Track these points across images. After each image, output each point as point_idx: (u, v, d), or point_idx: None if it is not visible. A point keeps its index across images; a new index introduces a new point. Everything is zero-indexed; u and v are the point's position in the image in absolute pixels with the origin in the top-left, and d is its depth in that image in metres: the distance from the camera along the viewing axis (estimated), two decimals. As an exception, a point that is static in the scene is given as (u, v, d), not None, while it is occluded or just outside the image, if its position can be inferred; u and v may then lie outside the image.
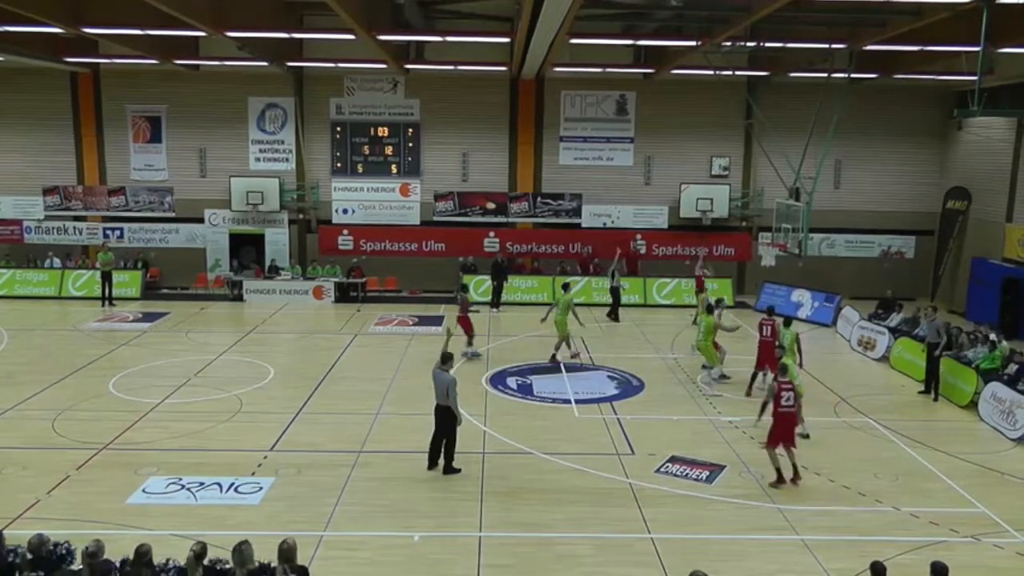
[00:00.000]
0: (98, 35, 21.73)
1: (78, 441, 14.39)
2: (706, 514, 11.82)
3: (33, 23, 19.02)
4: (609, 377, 18.83)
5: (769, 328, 17.23)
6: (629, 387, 18.09)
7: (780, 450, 12.81)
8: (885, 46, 20.85)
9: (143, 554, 8.12)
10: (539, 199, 28.43)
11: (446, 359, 13.12)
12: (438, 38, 22.57)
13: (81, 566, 8.05)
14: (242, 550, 8.05)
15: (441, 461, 13.17)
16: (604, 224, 28.54)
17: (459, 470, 13.06)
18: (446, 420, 13.00)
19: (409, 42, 24.95)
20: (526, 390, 17.78)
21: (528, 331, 22.84)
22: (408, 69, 26.19)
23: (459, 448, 13.48)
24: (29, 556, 8.15)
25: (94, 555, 8.02)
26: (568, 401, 17.01)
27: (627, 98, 28.36)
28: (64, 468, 13.16)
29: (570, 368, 19.37)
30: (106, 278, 25.98)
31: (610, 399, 17.11)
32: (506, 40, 22.12)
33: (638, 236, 28.02)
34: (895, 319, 22.13)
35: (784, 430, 12.72)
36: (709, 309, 18.34)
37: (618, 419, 15.76)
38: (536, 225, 28.67)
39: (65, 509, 11.65)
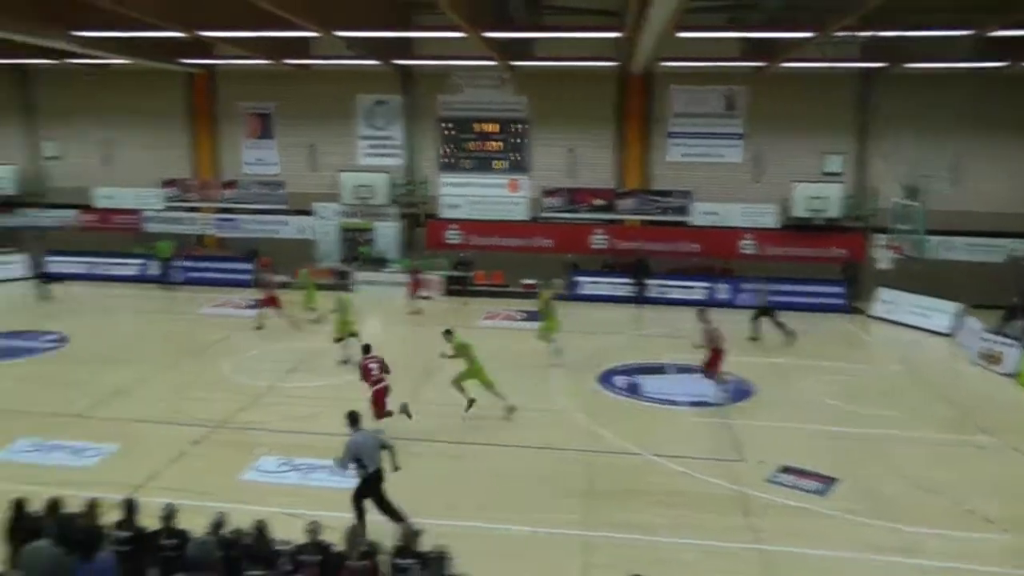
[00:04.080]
0: (213, 38, 22.41)
1: (194, 419, 14.97)
2: (817, 528, 11.32)
3: (154, 28, 19.74)
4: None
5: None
6: (738, 391, 17.52)
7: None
8: (1014, 31, 19.44)
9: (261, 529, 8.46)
10: (647, 196, 27.91)
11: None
12: (545, 34, 22.45)
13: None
14: (354, 532, 8.22)
15: None
16: (712, 223, 27.73)
17: None
18: None
19: (516, 39, 24.92)
20: (634, 390, 17.52)
21: (640, 329, 22.62)
22: (515, 66, 26.19)
23: (567, 444, 13.69)
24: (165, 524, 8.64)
25: (219, 526, 8.50)
26: (676, 403, 16.64)
27: (736, 92, 27.64)
28: (181, 443, 13.71)
29: (680, 369, 18.87)
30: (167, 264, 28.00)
31: (719, 402, 16.67)
32: (614, 35, 21.85)
33: (746, 236, 27.27)
34: (1018, 327, 20.85)
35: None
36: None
37: (727, 423, 15.32)
38: (644, 222, 28.17)
39: (181, 481, 12.15)
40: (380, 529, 8.64)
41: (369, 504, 10.73)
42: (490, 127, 28.62)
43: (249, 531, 8.56)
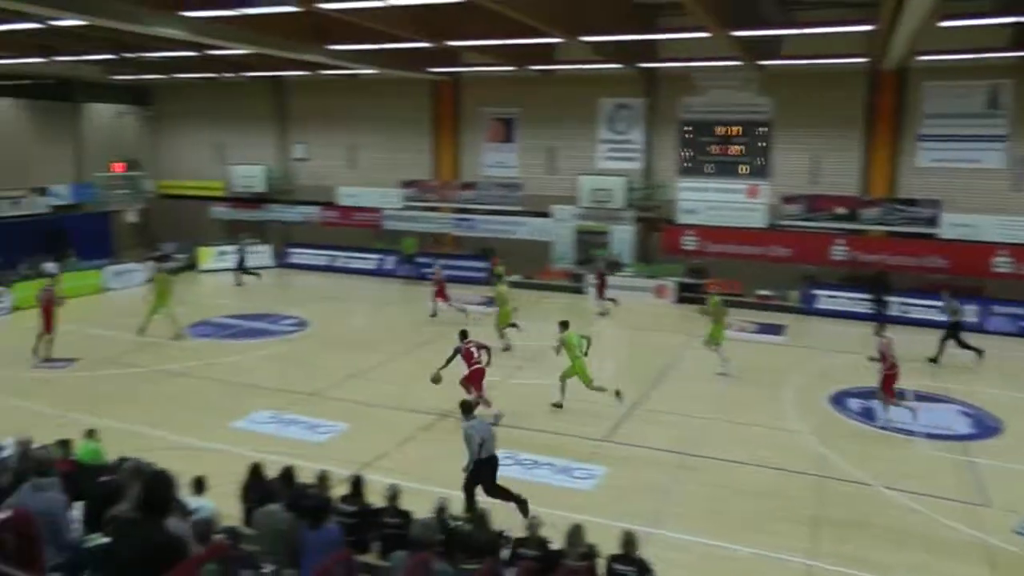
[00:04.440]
0: (459, 47, 23.22)
1: (423, 406, 15.71)
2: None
3: (404, 40, 20.80)
4: (962, 412, 16.62)
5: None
6: (985, 426, 15.89)
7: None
8: None
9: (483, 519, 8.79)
10: (892, 205, 25.69)
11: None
12: (793, 31, 21.41)
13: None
14: (577, 532, 8.21)
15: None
16: (963, 236, 24.88)
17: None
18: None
19: (763, 37, 23.99)
20: (869, 415, 16.28)
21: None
22: (761, 65, 25.21)
23: (796, 466, 13.09)
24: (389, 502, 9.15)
25: (442, 510, 8.89)
26: (915, 433, 15.23)
27: (1000, 88, 24.64)
28: (409, 428, 14.50)
29: (919, 397, 17.27)
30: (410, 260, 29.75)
31: (963, 438, 15.16)
32: (866, 28, 20.40)
33: (1002, 252, 24.44)
34: None
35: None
36: None
37: (972, 462, 13.86)
38: (887, 234, 26.00)
39: (409, 465, 12.81)
40: (603, 534, 8.51)
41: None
42: (731, 130, 27.68)
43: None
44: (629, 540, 8.24)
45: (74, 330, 21.14)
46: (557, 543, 8.46)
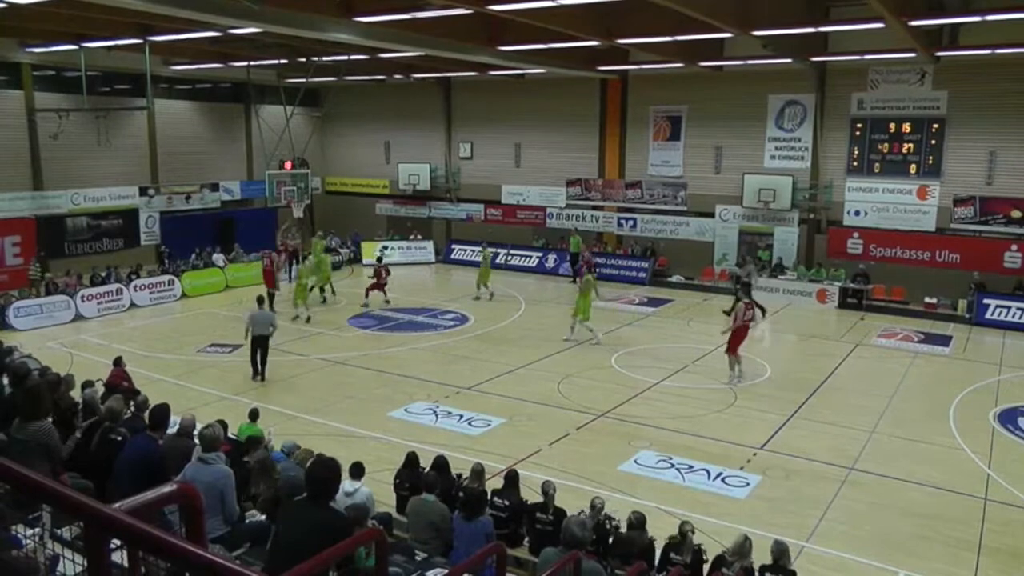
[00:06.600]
0: (629, 45, 22.94)
1: (579, 404, 15.65)
2: None
3: (574, 39, 20.72)
4: None
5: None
6: None
7: None
8: None
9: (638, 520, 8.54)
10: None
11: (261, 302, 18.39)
12: (976, 18, 19.95)
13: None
14: (746, 544, 8.08)
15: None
16: None
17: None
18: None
19: (942, 26, 22.45)
20: (1041, 435, 14.83)
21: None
22: (939, 57, 23.59)
23: (961, 487, 12.28)
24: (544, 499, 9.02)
25: (598, 509, 8.82)
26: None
27: None
28: (565, 426, 14.41)
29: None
30: (573, 260, 29.27)
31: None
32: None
33: None
34: None
35: None
36: None
37: None
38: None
39: (562, 462, 12.73)
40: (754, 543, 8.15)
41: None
42: (904, 127, 25.80)
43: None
44: (781, 551, 7.91)
45: (240, 317, 22.24)
46: (707, 548, 8.26)
